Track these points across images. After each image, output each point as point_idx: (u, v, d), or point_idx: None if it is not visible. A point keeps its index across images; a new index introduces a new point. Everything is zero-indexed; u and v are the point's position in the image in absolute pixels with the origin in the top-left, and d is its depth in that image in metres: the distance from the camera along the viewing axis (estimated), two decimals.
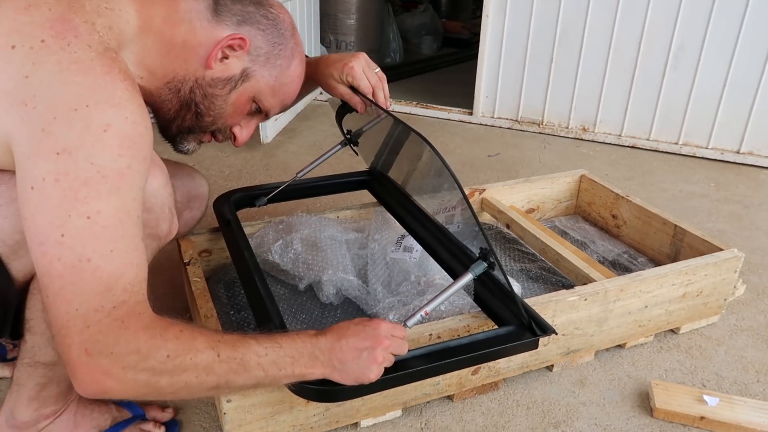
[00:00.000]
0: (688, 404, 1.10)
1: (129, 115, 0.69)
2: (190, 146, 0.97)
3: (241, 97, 0.91)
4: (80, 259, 0.65)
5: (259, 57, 0.89)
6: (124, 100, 0.69)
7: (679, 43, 2.28)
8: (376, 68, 1.10)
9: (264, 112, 0.97)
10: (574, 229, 1.65)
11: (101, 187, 0.66)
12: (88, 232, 0.66)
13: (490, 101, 2.65)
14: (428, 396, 1.09)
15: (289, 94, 0.96)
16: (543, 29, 2.46)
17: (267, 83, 0.91)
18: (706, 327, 1.36)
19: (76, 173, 0.65)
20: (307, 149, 2.30)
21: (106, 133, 0.67)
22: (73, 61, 0.68)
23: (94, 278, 0.66)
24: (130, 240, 0.69)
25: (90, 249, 0.66)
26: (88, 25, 0.72)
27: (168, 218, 0.89)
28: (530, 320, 0.96)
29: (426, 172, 1.14)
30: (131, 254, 0.69)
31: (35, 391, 0.90)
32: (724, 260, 1.27)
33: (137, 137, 0.70)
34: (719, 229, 1.83)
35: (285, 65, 0.92)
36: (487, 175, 2.16)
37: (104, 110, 0.67)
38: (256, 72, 0.90)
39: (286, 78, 0.93)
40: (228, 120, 0.93)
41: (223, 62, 0.86)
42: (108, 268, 0.66)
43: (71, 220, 0.65)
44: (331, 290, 1.23)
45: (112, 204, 0.67)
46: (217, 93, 0.88)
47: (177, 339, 0.70)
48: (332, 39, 3.31)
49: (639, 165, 2.31)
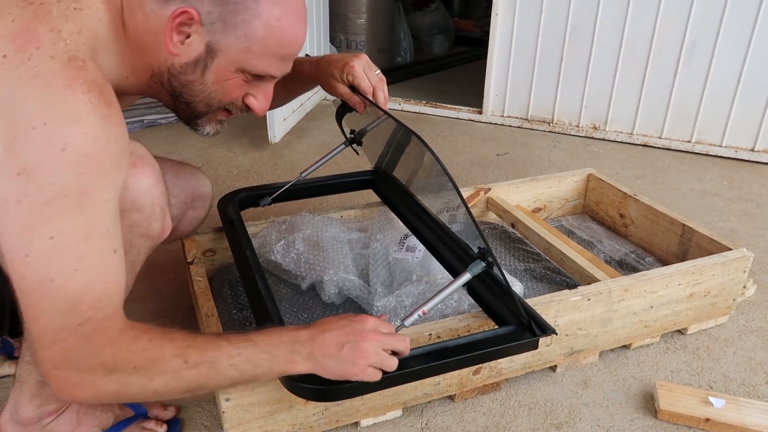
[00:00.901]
0: (693, 406, 1.09)
1: (89, 130, 0.66)
2: (209, 128, 0.89)
3: (220, 74, 0.80)
4: (44, 279, 0.66)
5: (214, 24, 0.75)
6: (85, 113, 0.66)
7: (692, 40, 2.25)
8: (376, 70, 1.09)
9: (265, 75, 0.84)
10: (582, 229, 1.64)
11: (63, 207, 0.66)
12: (52, 253, 0.66)
13: (500, 100, 2.64)
14: (429, 396, 1.08)
15: (283, 42, 0.80)
16: (553, 27, 2.44)
17: (239, 48, 0.77)
18: (715, 328, 1.34)
19: (37, 194, 0.64)
20: (316, 149, 2.31)
21: (65, 152, 0.65)
22: (33, 76, 0.65)
23: (58, 297, 0.67)
24: (98, 255, 0.69)
25: (54, 269, 0.67)
26: (53, 34, 0.68)
27: (160, 217, 0.89)
28: (530, 320, 0.95)
29: (428, 172, 1.13)
30: (98, 269, 0.70)
31: (37, 388, 0.92)
32: (732, 260, 1.25)
33: (97, 153, 0.67)
34: (731, 228, 1.80)
35: (251, 16, 0.76)
36: (495, 174, 2.15)
37: (62, 127, 0.65)
38: (219, 42, 0.77)
39: (263, 29, 0.77)
40: (224, 98, 0.84)
41: (185, 44, 0.76)
42: (72, 286, 0.67)
43: (34, 241, 0.65)
44: (332, 290, 1.23)
45: (76, 222, 0.67)
46: (190, 79, 0.80)
47: (144, 350, 0.71)
48: (342, 38, 3.31)
49: (651, 163, 2.28)
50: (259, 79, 0.84)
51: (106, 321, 0.70)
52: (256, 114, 0.89)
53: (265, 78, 0.84)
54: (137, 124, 2.45)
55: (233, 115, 0.89)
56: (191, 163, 1.22)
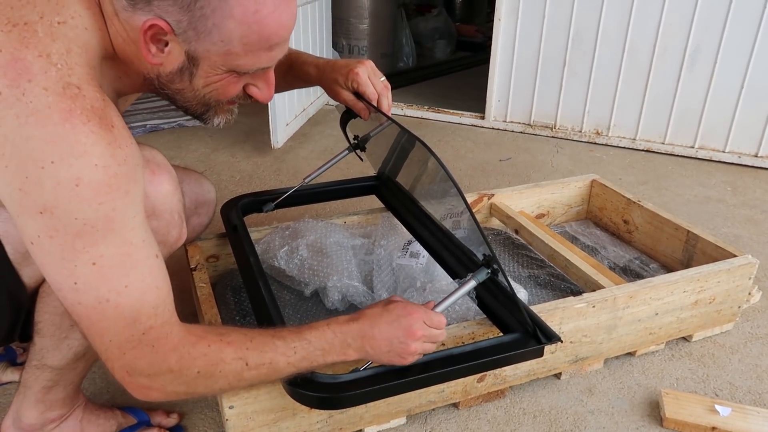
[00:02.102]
0: (699, 414, 1.08)
1: (98, 161, 0.65)
2: (217, 120, 0.86)
3: (209, 78, 0.77)
4: (99, 300, 0.68)
5: (186, 32, 0.70)
6: (89, 145, 0.65)
7: (695, 45, 2.25)
8: (381, 76, 1.09)
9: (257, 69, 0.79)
10: (585, 235, 1.63)
11: (95, 235, 0.66)
12: (98, 276, 0.68)
13: (503, 105, 2.64)
14: (433, 403, 1.08)
15: (266, 34, 0.73)
16: (556, 32, 2.44)
17: (219, 53, 0.73)
18: (720, 335, 1.33)
19: (65, 229, 0.65)
20: (318, 154, 2.31)
21: (79, 188, 0.64)
22: (30, 113, 0.63)
23: (117, 314, 0.69)
24: (143, 266, 0.71)
25: (105, 290, 0.68)
26: (43, 60, 0.65)
27: (178, 224, 0.90)
28: (535, 327, 0.95)
29: (432, 178, 1.13)
30: (147, 280, 0.71)
31: (41, 394, 0.91)
32: (737, 267, 1.24)
33: (112, 179, 0.66)
34: (735, 234, 1.80)
35: (222, 18, 0.70)
36: (498, 180, 2.15)
37: (70, 164, 0.64)
38: (197, 50, 0.73)
39: (239, 28, 0.71)
40: (221, 97, 0.81)
41: (165, 52, 0.73)
42: (128, 302, 0.70)
43: (78, 269, 0.67)
44: (336, 296, 1.23)
45: (112, 244, 0.68)
46: (179, 87, 0.78)
47: (205, 356, 0.74)
48: (345, 44, 3.32)
49: (654, 169, 2.28)
50: None
51: (166, 327, 0.73)
52: (261, 102, 0.86)
53: None
54: (140, 129, 2.45)
55: (239, 103, 0.87)
56: (194, 168, 1.22)
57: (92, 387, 1.14)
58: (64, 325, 0.86)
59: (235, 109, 0.88)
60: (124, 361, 0.71)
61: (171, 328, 0.73)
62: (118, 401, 1.10)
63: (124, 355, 0.71)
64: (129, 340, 0.71)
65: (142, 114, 2.53)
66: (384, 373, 0.86)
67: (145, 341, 0.71)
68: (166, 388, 0.74)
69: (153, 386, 0.73)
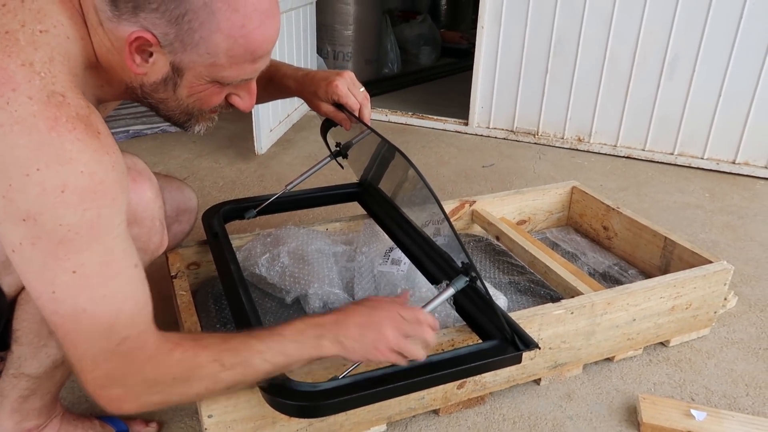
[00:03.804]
0: (676, 418, 1.10)
1: (84, 168, 0.65)
2: (198, 128, 0.87)
3: (193, 88, 0.78)
4: (76, 310, 0.68)
5: (173, 44, 0.71)
6: (75, 152, 0.65)
7: (674, 54, 2.29)
8: (360, 87, 1.10)
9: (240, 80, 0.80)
10: (566, 241, 1.65)
11: (78, 243, 0.66)
12: (78, 285, 0.67)
13: (486, 112, 2.66)
14: (413, 410, 1.08)
15: (251, 48, 0.74)
16: (538, 40, 2.47)
17: (204, 64, 0.74)
18: (697, 340, 1.35)
19: (48, 236, 0.65)
20: (302, 160, 2.31)
21: (65, 194, 0.64)
22: (15, 122, 0.63)
23: (93, 324, 0.69)
24: (122, 276, 0.71)
25: (83, 299, 0.68)
26: (26, 69, 0.65)
27: (159, 231, 0.90)
28: (513, 334, 0.96)
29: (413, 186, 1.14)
30: (125, 290, 0.71)
31: (18, 403, 0.91)
32: (713, 273, 1.26)
33: (98, 186, 0.66)
34: (713, 240, 1.83)
35: (209, 31, 0.71)
36: (481, 186, 2.17)
37: (56, 171, 0.64)
38: (182, 61, 0.73)
39: (225, 41, 0.72)
40: (204, 107, 0.82)
41: (150, 62, 0.73)
42: (105, 312, 0.69)
43: (58, 277, 0.66)
44: (317, 303, 1.23)
45: (94, 253, 0.68)
46: (163, 97, 0.79)
47: (180, 362, 0.74)
48: (330, 50, 3.33)
49: (634, 175, 2.31)
50: None
51: (142, 337, 0.72)
52: (242, 111, 0.87)
53: None
54: (122, 135, 2.43)
55: (220, 111, 0.87)
56: (177, 174, 1.23)
57: (70, 396, 1.13)
58: (43, 333, 0.86)
59: (215, 117, 0.88)
60: (96, 374, 0.71)
61: (147, 338, 0.73)
62: (96, 410, 1.09)
63: (97, 368, 0.70)
64: (103, 351, 0.70)
65: (124, 119, 2.51)
66: (364, 380, 0.87)
67: (119, 352, 0.70)
68: (141, 398, 0.73)
69: (126, 397, 0.72)
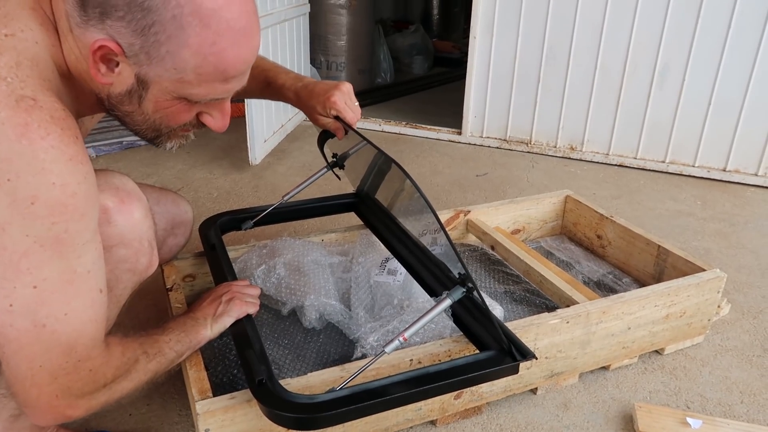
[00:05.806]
0: (672, 427, 1.10)
1: (56, 179, 0.64)
2: (169, 144, 0.84)
3: (159, 104, 0.74)
4: (35, 324, 0.67)
5: (138, 56, 0.68)
6: (47, 162, 0.63)
7: (664, 63, 2.31)
8: (355, 101, 1.13)
9: None
10: (560, 250, 1.66)
11: (42, 257, 0.65)
12: (38, 300, 0.67)
13: (479, 121, 2.67)
14: (410, 421, 1.08)
15: (222, 67, 0.71)
16: (530, 49, 2.49)
17: (171, 80, 0.71)
18: (691, 347, 1.36)
19: (14, 247, 0.64)
20: (297, 170, 2.31)
21: (35, 206, 0.63)
22: None
23: (53, 340, 0.69)
24: (85, 296, 0.70)
25: (42, 315, 0.67)
26: None
27: (147, 252, 0.89)
28: (510, 345, 0.96)
29: (409, 197, 1.15)
30: (89, 311, 0.71)
31: (9, 422, 0.90)
32: (706, 281, 1.27)
33: (69, 199, 0.65)
34: (705, 248, 1.84)
35: (177, 46, 0.67)
36: (474, 195, 2.17)
37: (27, 182, 0.62)
38: (148, 74, 0.70)
39: (194, 58, 0.68)
40: (172, 123, 0.78)
41: (116, 72, 0.70)
42: (65, 330, 0.69)
43: (17, 290, 0.65)
44: (313, 315, 1.23)
45: (57, 269, 0.67)
46: (128, 109, 0.75)
47: (121, 361, 0.79)
48: (323, 60, 3.34)
49: (626, 183, 2.32)
50: None
51: (102, 353, 0.75)
52: (214, 131, 0.83)
53: None
54: (116, 146, 2.43)
55: (192, 131, 0.84)
56: (171, 185, 1.22)
57: None
58: None
59: (190, 135, 0.85)
60: (53, 387, 0.70)
61: (100, 351, 0.75)
62: (91, 425, 1.08)
63: (54, 381, 0.70)
64: (63, 366, 0.70)
65: (118, 130, 2.50)
66: (361, 392, 0.87)
67: (81, 367, 0.72)
68: (90, 402, 0.75)
69: (79, 405, 0.74)
